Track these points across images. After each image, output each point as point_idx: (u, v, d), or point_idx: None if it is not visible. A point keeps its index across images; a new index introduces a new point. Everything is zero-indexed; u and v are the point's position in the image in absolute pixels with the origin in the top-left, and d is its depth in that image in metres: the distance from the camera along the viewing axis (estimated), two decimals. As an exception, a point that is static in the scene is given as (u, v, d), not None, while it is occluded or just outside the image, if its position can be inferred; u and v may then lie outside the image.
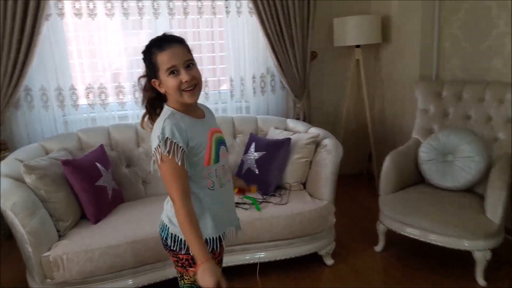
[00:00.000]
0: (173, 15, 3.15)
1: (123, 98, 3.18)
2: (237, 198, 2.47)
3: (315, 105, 3.85)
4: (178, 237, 1.43)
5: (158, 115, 1.45)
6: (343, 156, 2.63)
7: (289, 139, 2.73)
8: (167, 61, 1.35)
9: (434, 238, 2.38)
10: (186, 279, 1.50)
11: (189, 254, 1.42)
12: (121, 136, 2.83)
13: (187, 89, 1.38)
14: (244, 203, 2.49)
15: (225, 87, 3.44)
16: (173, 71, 1.35)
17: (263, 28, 3.31)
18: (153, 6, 3.08)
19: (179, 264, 1.48)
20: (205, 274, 1.29)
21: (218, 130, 1.54)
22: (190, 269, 1.30)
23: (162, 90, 1.42)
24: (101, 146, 2.68)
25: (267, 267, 2.45)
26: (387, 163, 2.70)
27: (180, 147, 1.33)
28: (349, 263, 2.63)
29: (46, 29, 2.90)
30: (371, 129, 3.75)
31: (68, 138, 2.77)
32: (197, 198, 1.43)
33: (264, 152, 2.72)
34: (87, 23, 3.01)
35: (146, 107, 1.50)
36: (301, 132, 2.96)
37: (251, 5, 3.26)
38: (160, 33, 1.44)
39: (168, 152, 1.31)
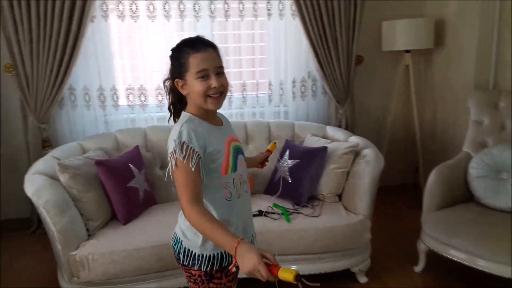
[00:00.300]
0: (214, 18, 3.12)
1: (162, 99, 3.19)
2: (266, 207, 2.41)
3: (359, 112, 3.67)
4: (192, 252, 1.37)
5: None
6: (387, 166, 2.48)
7: (325, 147, 2.60)
8: (199, 64, 1.30)
9: (482, 264, 2.14)
10: None
11: (201, 270, 1.35)
12: (156, 138, 2.84)
13: (213, 95, 1.33)
14: (274, 213, 2.39)
15: (263, 91, 3.35)
16: (203, 75, 1.31)
17: (305, 30, 3.19)
18: (194, 8, 3.06)
19: (192, 280, 1.41)
20: (244, 259, 1.10)
21: (236, 139, 1.48)
22: (230, 266, 1.17)
23: (184, 92, 1.37)
24: (137, 147, 2.70)
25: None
26: (432, 177, 2.49)
27: (196, 152, 1.27)
28: (384, 282, 2.45)
29: (90, 31, 2.97)
30: (420, 139, 3.51)
31: (106, 138, 2.81)
32: (212, 209, 1.36)
33: (298, 160, 2.60)
34: (129, 25, 3.05)
35: (170, 110, 1.47)
36: (340, 140, 2.82)
37: (294, 7, 3.15)
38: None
39: (184, 157, 1.26)
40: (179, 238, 1.41)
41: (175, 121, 1.46)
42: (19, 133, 3.17)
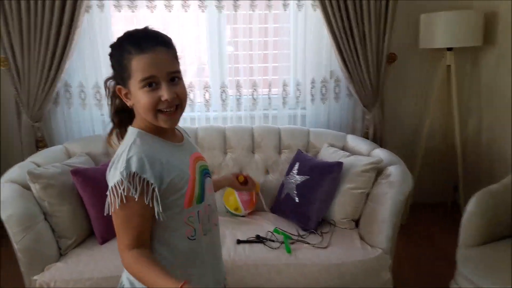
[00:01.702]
0: (221, 9, 2.74)
1: None
2: (266, 232, 2.04)
3: (390, 119, 3.20)
4: None
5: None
6: (421, 181, 2.06)
7: (340, 163, 2.18)
8: (144, 69, 1.00)
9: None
10: None
11: None
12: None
13: (165, 110, 1.02)
14: (273, 240, 2.01)
15: (276, 91, 2.95)
16: (150, 83, 1.00)
17: (328, 23, 2.76)
18: None
19: None
20: None
21: (201, 157, 1.18)
22: None
23: (128, 103, 1.07)
24: (126, 153, 2.39)
25: None
26: (471, 207, 2.02)
27: (151, 184, 0.97)
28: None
29: (86, 22, 2.70)
30: (461, 152, 2.99)
31: (94, 141, 2.53)
32: (171, 251, 1.07)
33: (308, 177, 2.20)
34: (127, 17, 2.75)
35: (112, 120, 1.15)
36: (362, 153, 2.39)
37: (315, -4, 2.74)
38: (203, 30, 1.14)
39: (136, 190, 0.96)
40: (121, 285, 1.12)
41: (119, 134, 1.15)
42: (14, 131, 2.95)
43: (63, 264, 1.91)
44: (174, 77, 1.05)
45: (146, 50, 1.00)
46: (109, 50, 1.09)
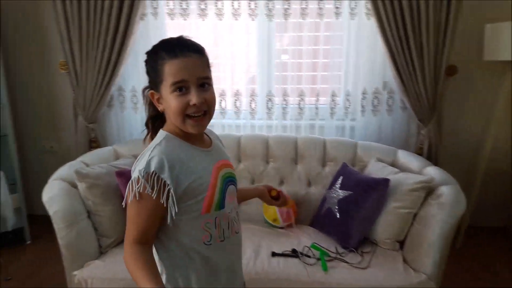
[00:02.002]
0: (271, 17, 2.72)
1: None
2: (303, 247, 1.96)
3: (448, 135, 2.99)
4: None
5: None
6: (480, 203, 1.86)
7: (387, 179, 2.06)
8: (176, 73, 1.03)
9: None
10: None
11: None
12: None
13: (193, 115, 1.05)
14: (309, 256, 1.93)
15: (324, 101, 2.86)
16: (180, 88, 1.03)
17: (382, 33, 2.63)
18: (249, 6, 2.71)
19: None
20: None
21: (228, 164, 1.18)
22: None
23: (159, 107, 1.10)
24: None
25: None
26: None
27: (168, 185, 0.99)
28: None
29: (141, 29, 2.79)
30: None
31: (141, 144, 2.57)
32: (186, 254, 1.08)
33: (351, 192, 2.10)
34: (179, 25, 2.81)
35: (147, 126, 1.18)
36: (413, 171, 2.25)
37: (369, 5, 2.63)
38: (254, 37, 1.13)
39: (152, 188, 0.99)
40: None
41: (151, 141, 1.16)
42: (71, 131, 3.11)
43: (101, 262, 1.96)
44: (204, 83, 1.06)
45: (178, 55, 1.03)
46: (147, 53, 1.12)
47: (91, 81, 2.83)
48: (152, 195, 0.99)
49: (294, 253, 1.96)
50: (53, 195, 2.00)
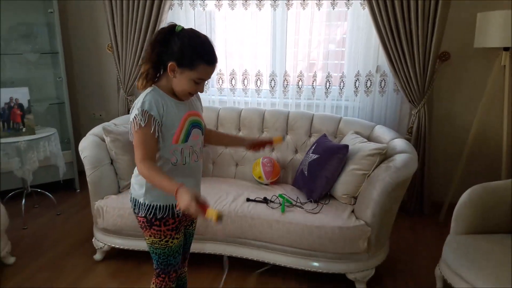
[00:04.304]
0: (276, 7, 3.15)
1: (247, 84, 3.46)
2: (271, 197, 2.40)
3: (442, 116, 3.23)
4: (137, 200, 1.56)
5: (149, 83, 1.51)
6: (465, 181, 2.16)
7: (346, 146, 2.42)
8: (203, 74, 1.45)
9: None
10: (146, 239, 1.62)
11: (143, 216, 1.55)
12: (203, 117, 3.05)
13: (190, 94, 1.51)
14: (273, 202, 2.37)
15: (321, 82, 3.23)
16: (199, 82, 1.47)
17: (375, 22, 2.95)
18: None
19: (139, 225, 1.60)
20: (180, 197, 1.31)
21: (196, 113, 1.59)
22: (176, 205, 1.35)
23: (170, 74, 1.46)
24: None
25: (294, 275, 2.36)
26: (464, 198, 2.09)
27: (155, 119, 1.43)
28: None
29: (169, 19, 3.35)
30: (506, 156, 2.90)
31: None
32: (164, 168, 1.52)
33: (319, 155, 2.49)
34: (200, 13, 3.32)
35: (146, 70, 1.50)
36: (382, 142, 2.57)
37: (363, -4, 2.96)
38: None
39: (144, 122, 1.42)
40: (130, 191, 1.63)
41: (145, 80, 1.52)
42: (115, 102, 3.79)
43: (116, 197, 2.55)
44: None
45: (211, 65, 1.46)
46: (185, 35, 1.42)
47: (129, 60, 3.45)
48: (145, 126, 1.41)
49: (264, 200, 2.40)
50: (85, 144, 2.61)
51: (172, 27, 1.45)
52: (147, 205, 1.53)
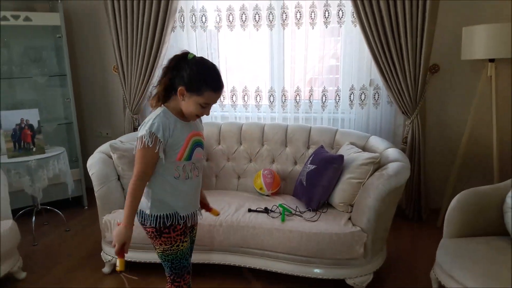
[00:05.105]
0: (272, 27, 3.32)
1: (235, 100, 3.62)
2: (272, 207, 2.51)
3: (434, 125, 3.36)
4: (144, 212, 1.67)
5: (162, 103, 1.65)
6: (458, 187, 2.27)
7: (341, 156, 2.54)
8: (209, 99, 1.59)
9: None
10: (157, 249, 1.72)
11: (153, 227, 1.65)
12: (206, 133, 3.18)
13: (196, 116, 1.65)
14: (274, 211, 2.48)
15: (317, 96, 3.38)
16: (205, 106, 1.61)
17: (366, 38, 3.10)
18: (268, 18, 3.34)
19: (149, 236, 1.71)
20: (120, 232, 1.53)
21: (198, 133, 1.73)
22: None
23: (180, 98, 1.60)
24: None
25: (296, 282, 2.45)
26: (453, 202, 2.19)
27: (160, 141, 1.56)
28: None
29: (172, 40, 3.52)
30: (497, 161, 3.00)
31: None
32: (167, 182, 1.65)
33: (316, 166, 2.60)
34: (201, 34, 3.50)
35: (159, 92, 1.65)
36: (376, 152, 2.69)
37: (355, 14, 3.10)
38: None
39: (150, 143, 1.54)
40: None
41: (156, 100, 1.67)
42: (121, 120, 3.93)
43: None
44: None
45: (216, 91, 1.60)
46: (194, 63, 1.54)
47: (135, 80, 3.61)
48: (151, 146, 1.53)
49: (265, 210, 2.51)
50: (93, 161, 2.75)
51: (185, 54, 1.58)
52: (155, 216, 1.64)
